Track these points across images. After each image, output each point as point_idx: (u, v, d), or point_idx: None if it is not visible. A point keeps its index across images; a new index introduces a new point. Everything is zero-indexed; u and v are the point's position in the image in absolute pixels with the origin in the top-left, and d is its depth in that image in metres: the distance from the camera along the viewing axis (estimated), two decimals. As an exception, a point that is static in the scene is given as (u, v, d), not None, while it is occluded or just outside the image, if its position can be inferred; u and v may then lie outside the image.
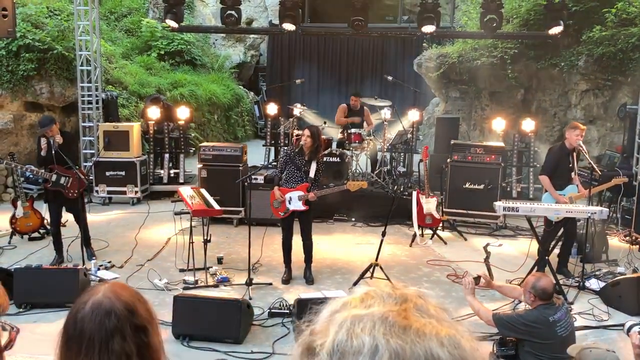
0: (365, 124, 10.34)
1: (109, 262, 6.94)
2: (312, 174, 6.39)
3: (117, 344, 1.42)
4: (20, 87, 10.21)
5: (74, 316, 1.47)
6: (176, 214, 6.78)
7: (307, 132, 6.34)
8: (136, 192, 9.81)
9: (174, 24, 8.93)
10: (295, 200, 6.35)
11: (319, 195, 6.42)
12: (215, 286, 6.31)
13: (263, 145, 11.70)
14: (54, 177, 6.67)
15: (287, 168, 6.49)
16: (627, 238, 8.04)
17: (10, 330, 1.65)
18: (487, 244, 5.87)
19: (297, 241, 6.62)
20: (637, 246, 7.88)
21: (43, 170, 6.71)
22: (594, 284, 6.40)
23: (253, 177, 7.86)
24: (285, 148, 7.15)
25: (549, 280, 4.32)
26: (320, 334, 0.85)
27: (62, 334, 1.48)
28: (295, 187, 6.38)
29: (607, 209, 7.30)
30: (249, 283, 6.11)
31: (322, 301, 0.95)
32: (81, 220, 6.97)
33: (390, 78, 10.97)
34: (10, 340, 1.64)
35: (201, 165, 8.81)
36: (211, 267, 6.65)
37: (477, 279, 4.84)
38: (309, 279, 6.53)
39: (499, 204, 6.20)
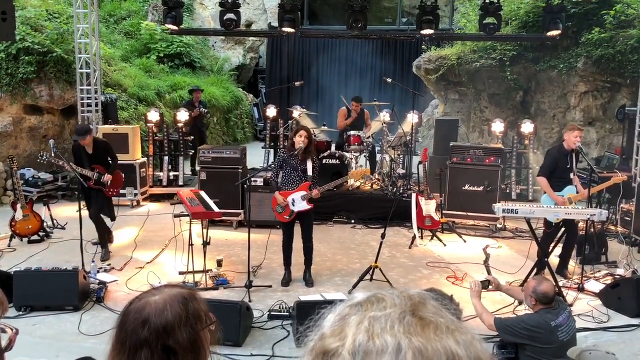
0: (364, 126, 10.35)
1: (109, 264, 6.94)
2: (310, 172, 6.40)
3: (144, 357, 1.38)
4: (19, 90, 10.22)
5: (127, 308, 1.45)
6: (176, 216, 6.78)
7: (304, 133, 6.35)
8: (136, 194, 9.81)
9: (173, 27, 8.93)
10: (299, 202, 6.35)
11: (322, 191, 6.43)
12: (215, 289, 6.31)
13: (262, 148, 11.73)
14: (96, 176, 7.10)
15: (284, 171, 6.49)
16: (627, 240, 8.04)
17: (10, 332, 1.65)
18: (487, 246, 5.86)
19: (296, 243, 6.63)
20: (637, 248, 7.89)
21: (87, 170, 7.07)
22: (593, 285, 6.40)
23: (253, 179, 7.88)
24: (282, 151, 7.17)
25: (550, 284, 4.30)
26: (334, 337, 0.84)
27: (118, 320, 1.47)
28: (296, 189, 6.38)
29: (607, 211, 7.31)
30: (248, 286, 6.11)
31: (322, 305, 0.95)
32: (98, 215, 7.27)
33: (389, 80, 10.99)
34: (10, 341, 1.64)
35: (200, 167, 8.82)
36: (211, 270, 6.64)
37: (485, 283, 4.79)
38: (308, 282, 6.53)
39: (498, 206, 6.20)
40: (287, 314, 5.56)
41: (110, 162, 7.36)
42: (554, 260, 6.77)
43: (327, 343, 0.85)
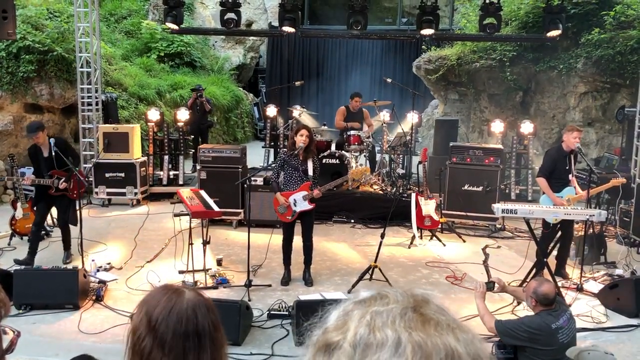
0: (365, 126, 10.35)
1: (108, 263, 6.94)
2: (310, 172, 6.42)
3: (220, 336, 1.55)
4: (20, 89, 10.22)
5: (176, 316, 1.48)
6: (175, 215, 6.79)
7: (305, 132, 6.36)
8: (135, 193, 9.82)
9: (173, 26, 8.94)
10: (300, 201, 6.36)
11: (323, 190, 6.44)
12: (215, 288, 6.32)
13: (262, 147, 11.73)
14: (55, 183, 6.76)
15: (285, 171, 6.50)
16: (625, 240, 8.05)
17: (11, 334, 1.66)
18: (486, 246, 5.87)
19: (296, 242, 6.64)
20: (636, 248, 7.90)
21: (45, 179, 6.76)
22: (592, 286, 6.42)
23: (252, 178, 7.89)
24: (282, 151, 7.19)
25: (551, 285, 4.28)
26: (336, 331, 0.87)
27: (170, 338, 1.47)
28: (297, 189, 6.39)
29: (606, 212, 7.31)
30: (248, 285, 6.12)
31: (322, 304, 0.97)
32: (66, 222, 7.02)
33: (389, 80, 10.99)
34: (11, 343, 1.64)
35: (200, 166, 8.83)
36: (210, 269, 6.66)
37: (489, 284, 4.77)
38: (308, 281, 6.54)
39: (497, 206, 6.21)
40: (287, 313, 5.57)
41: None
42: (553, 261, 6.78)
43: (329, 336, 0.87)
